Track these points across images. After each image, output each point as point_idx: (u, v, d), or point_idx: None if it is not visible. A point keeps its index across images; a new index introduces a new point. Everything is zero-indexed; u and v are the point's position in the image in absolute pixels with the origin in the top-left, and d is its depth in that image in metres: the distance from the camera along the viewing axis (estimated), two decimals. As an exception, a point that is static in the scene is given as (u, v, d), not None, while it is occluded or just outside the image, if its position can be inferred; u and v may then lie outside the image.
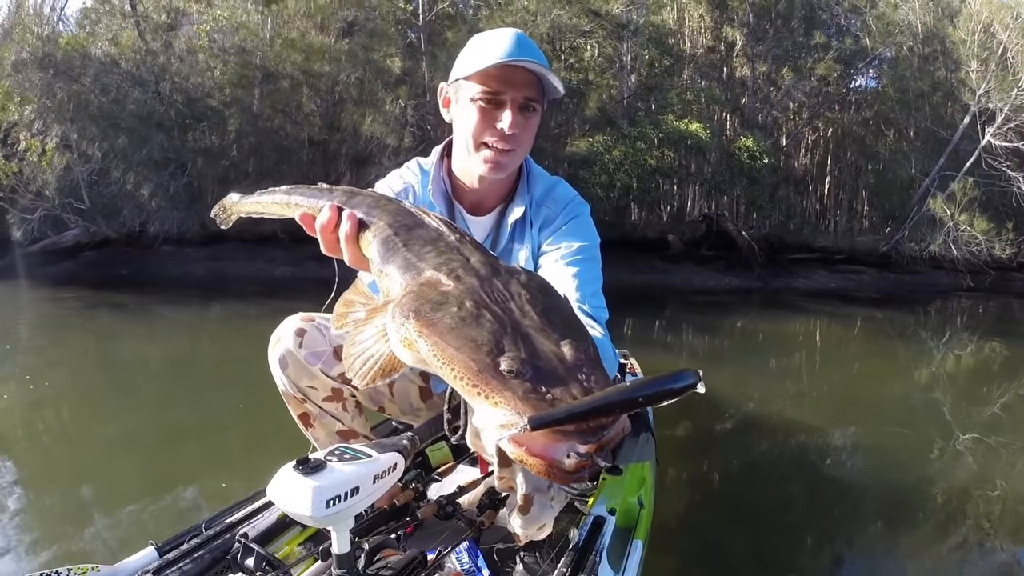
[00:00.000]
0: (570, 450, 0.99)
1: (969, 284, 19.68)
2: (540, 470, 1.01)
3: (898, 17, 21.73)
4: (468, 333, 1.10)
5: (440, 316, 1.14)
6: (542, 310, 1.19)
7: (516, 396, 1.01)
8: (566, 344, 1.11)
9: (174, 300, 13.65)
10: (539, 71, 1.99)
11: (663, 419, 4.57)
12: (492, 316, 1.14)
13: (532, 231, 2.28)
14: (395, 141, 16.13)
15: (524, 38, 2.06)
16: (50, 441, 5.24)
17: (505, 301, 1.19)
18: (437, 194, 2.28)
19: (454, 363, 1.08)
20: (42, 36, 16.92)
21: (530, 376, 1.03)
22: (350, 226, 1.52)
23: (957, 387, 8.48)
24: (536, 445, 1.00)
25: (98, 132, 16.88)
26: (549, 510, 2.22)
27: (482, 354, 1.07)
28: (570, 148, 18.18)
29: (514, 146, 2.09)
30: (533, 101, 2.05)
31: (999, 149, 19.40)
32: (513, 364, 1.04)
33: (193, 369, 7.96)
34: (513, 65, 1.98)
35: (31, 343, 9.48)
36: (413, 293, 1.24)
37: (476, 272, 1.26)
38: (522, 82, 2.01)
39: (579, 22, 18.01)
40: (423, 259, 1.33)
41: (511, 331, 1.11)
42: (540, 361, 1.07)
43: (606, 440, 1.03)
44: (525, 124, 2.08)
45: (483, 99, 2.03)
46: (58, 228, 17.93)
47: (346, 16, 17.58)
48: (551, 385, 1.03)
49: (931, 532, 4.07)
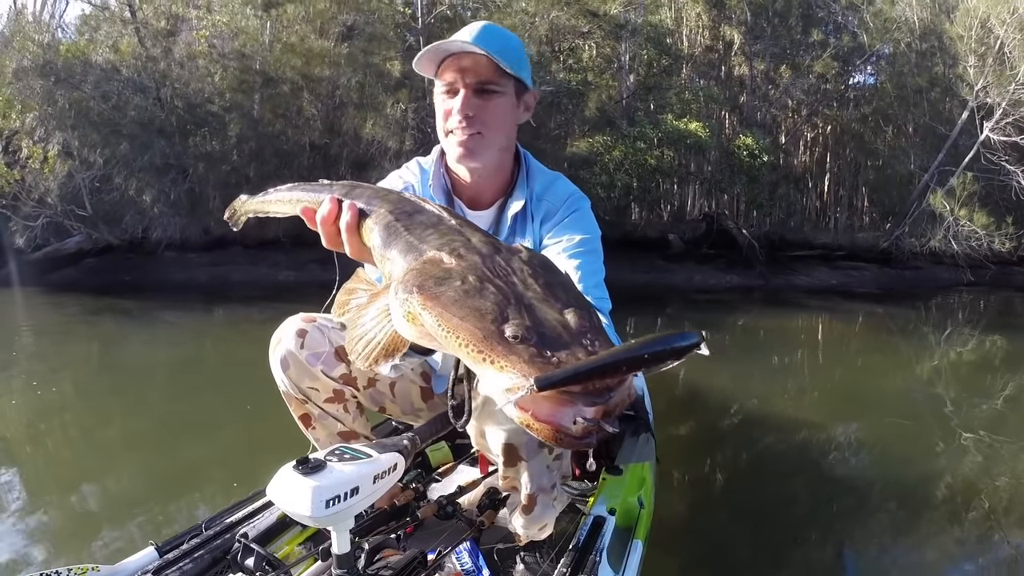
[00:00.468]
0: (577, 414, 1.00)
1: (970, 279, 19.67)
2: (547, 435, 1.02)
3: (895, 13, 21.71)
4: (472, 303, 1.12)
5: (444, 289, 1.16)
6: (544, 283, 1.20)
7: (522, 359, 1.01)
8: (570, 312, 1.12)
9: (177, 305, 13.70)
10: (485, 53, 2.03)
11: (663, 419, 4.57)
12: (495, 288, 1.15)
13: (533, 225, 2.29)
14: (396, 144, 16.16)
15: (486, 28, 2.13)
16: (54, 444, 5.29)
17: (508, 275, 1.20)
18: (437, 189, 2.32)
19: (459, 331, 1.09)
20: (42, 44, 16.93)
21: (535, 341, 1.04)
22: (351, 216, 1.54)
23: (959, 382, 8.48)
24: (542, 410, 1.01)
25: (99, 139, 16.90)
26: (551, 510, 2.23)
27: (487, 322, 1.08)
28: (570, 149, 18.16)
29: (478, 128, 2.12)
30: (488, 83, 2.09)
31: (998, 144, 19.37)
32: (518, 330, 1.05)
33: (197, 373, 7.98)
34: (462, 53, 2.06)
35: (36, 349, 9.52)
36: (416, 271, 1.25)
37: (478, 250, 1.28)
38: (473, 67, 2.07)
39: (577, 23, 18.02)
40: (425, 241, 1.35)
41: (515, 301, 1.13)
42: (544, 328, 1.08)
43: (613, 404, 1.03)
44: (485, 106, 2.11)
45: (443, 91, 2.14)
46: (60, 235, 17.91)
47: (345, 20, 17.59)
48: (556, 349, 1.04)
49: (934, 529, 4.07)
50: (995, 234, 19.04)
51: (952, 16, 20.73)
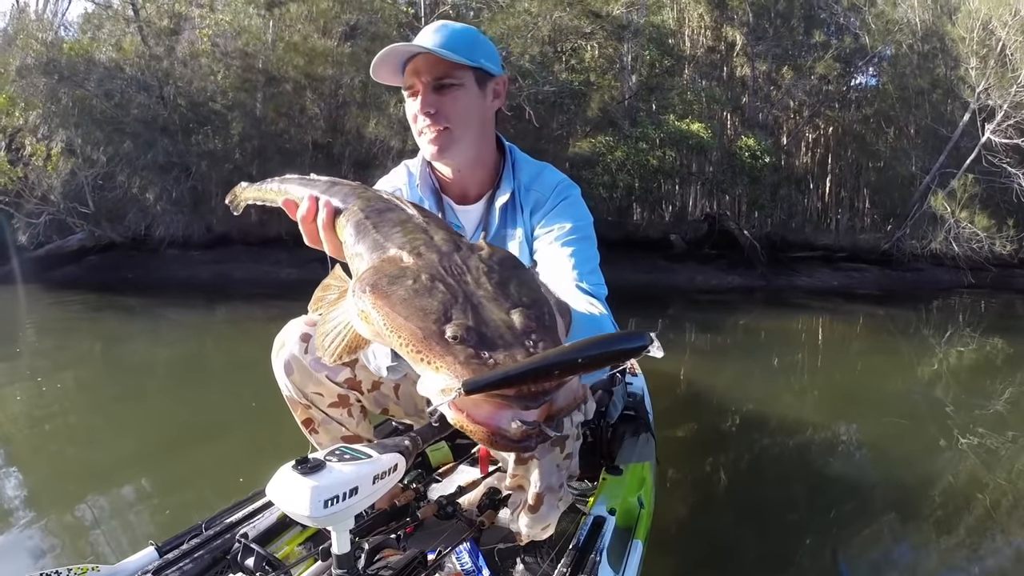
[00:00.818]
0: (515, 417, 0.99)
1: (971, 281, 19.68)
2: (481, 437, 1.01)
3: (897, 15, 21.74)
4: (418, 303, 1.12)
5: (395, 289, 1.16)
6: (498, 281, 1.20)
7: (457, 361, 1.00)
8: (516, 312, 1.12)
9: (180, 303, 13.75)
10: (434, 45, 2.04)
11: (663, 419, 4.57)
12: (445, 287, 1.15)
13: (523, 216, 2.28)
14: (399, 143, 16.17)
15: (438, 26, 2.13)
16: (54, 443, 5.27)
17: (462, 274, 1.20)
18: (425, 188, 2.32)
19: (401, 331, 1.09)
20: (46, 42, 16.99)
21: (474, 342, 1.03)
22: (326, 214, 1.56)
23: (959, 383, 8.47)
24: (479, 413, 1.00)
25: (103, 137, 16.96)
26: (556, 510, 2.23)
27: (429, 322, 1.07)
28: (573, 149, 18.18)
29: (443, 123, 2.12)
30: (443, 78, 2.09)
31: (999, 146, 19.41)
32: (458, 331, 1.04)
33: (199, 371, 8.00)
34: (412, 55, 2.08)
35: (40, 346, 9.56)
36: (373, 268, 1.26)
37: (438, 248, 1.28)
38: (426, 66, 2.07)
39: (580, 24, 18.01)
40: (390, 239, 1.36)
41: (462, 301, 1.12)
42: (486, 328, 1.07)
43: (556, 409, 1.03)
44: (444, 100, 2.11)
45: (407, 96, 2.15)
46: (63, 233, 18.02)
47: (348, 20, 17.61)
48: (495, 349, 1.03)
49: (934, 530, 4.07)
50: (996, 236, 19.07)
51: (954, 18, 20.77)
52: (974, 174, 19.66)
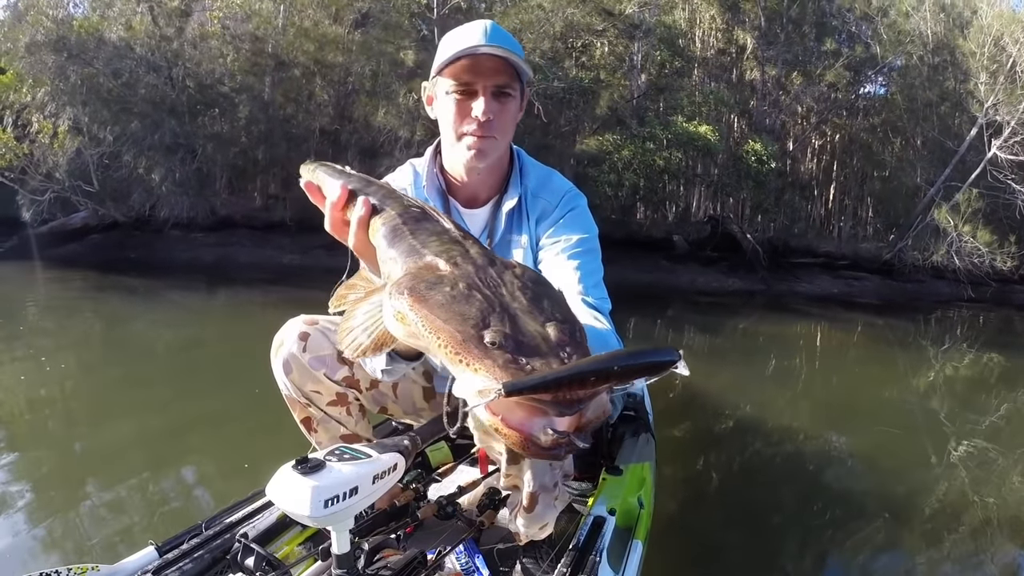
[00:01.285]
0: (547, 425, 1.01)
1: (970, 295, 19.66)
2: (515, 441, 1.03)
3: (909, 26, 21.69)
4: (457, 308, 1.14)
5: (433, 294, 1.19)
6: (532, 296, 1.23)
7: (496, 364, 1.03)
8: (551, 325, 1.14)
9: (182, 285, 13.79)
10: (506, 56, 2.01)
11: (663, 420, 4.59)
12: (482, 296, 1.18)
13: (529, 223, 2.28)
14: (408, 133, 16.19)
15: (495, 28, 2.09)
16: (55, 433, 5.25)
17: (497, 287, 1.23)
18: (431, 190, 2.30)
19: (440, 332, 1.11)
20: (56, 19, 17.01)
21: (512, 348, 1.06)
22: (365, 211, 1.55)
23: (955, 396, 8.53)
24: (513, 417, 1.02)
25: (109, 116, 17.01)
26: (552, 509, 2.22)
27: (467, 326, 1.10)
28: (580, 146, 18.19)
29: (493, 132, 2.11)
30: (505, 87, 2.07)
31: (1005, 162, 19.38)
32: (496, 337, 1.07)
33: (200, 360, 7.92)
34: (480, 54, 2.00)
35: (41, 325, 9.62)
36: (411, 274, 1.29)
37: (473, 261, 1.31)
38: (491, 69, 2.03)
39: (592, 21, 18.01)
40: (426, 246, 1.38)
41: (499, 310, 1.15)
42: (523, 337, 1.10)
43: (586, 421, 1.04)
44: (501, 109, 2.10)
45: (456, 91, 2.07)
46: (67, 210, 18.13)
47: (360, 7, 17.62)
48: (531, 357, 1.05)
49: (928, 537, 4.13)
50: (997, 252, 19.09)
51: (966, 32, 20.75)
52: (978, 189, 19.64)
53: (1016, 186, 19.41)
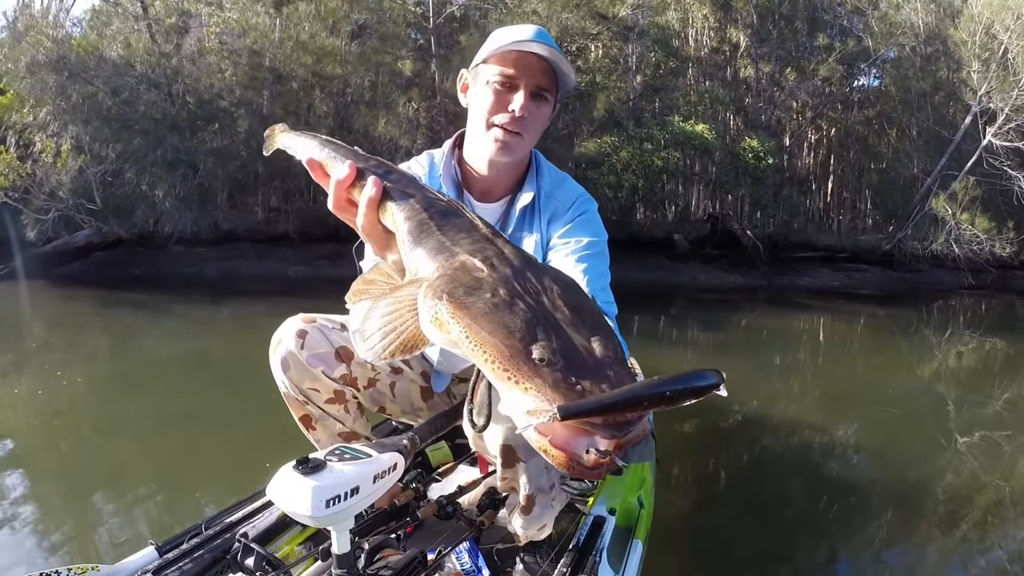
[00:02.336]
0: (591, 445, 0.99)
1: (971, 282, 19.84)
2: (561, 462, 1.00)
3: (900, 18, 21.78)
4: (501, 319, 1.10)
5: (474, 300, 1.14)
6: (573, 306, 1.18)
7: (547, 384, 1.00)
8: (596, 340, 1.10)
9: (190, 299, 13.81)
10: (554, 58, 2.03)
11: (663, 419, 4.58)
12: (525, 306, 1.14)
13: (541, 222, 2.29)
14: (408, 142, 16.24)
15: (544, 32, 2.10)
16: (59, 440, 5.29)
17: (538, 294, 1.18)
18: (447, 180, 2.30)
19: (486, 347, 1.08)
20: (56, 39, 17.12)
21: (561, 366, 1.03)
22: (375, 191, 1.47)
23: (960, 383, 8.53)
24: (560, 437, 0.99)
25: (111, 134, 17.09)
26: (550, 510, 2.23)
27: (515, 340, 1.06)
28: (579, 149, 18.25)
29: (522, 130, 2.13)
30: (545, 90, 2.10)
31: (1000, 149, 19.51)
32: (545, 353, 1.03)
33: (205, 369, 8.00)
34: (529, 51, 2.03)
35: (49, 342, 9.63)
36: (447, 276, 1.24)
37: (510, 263, 1.25)
38: (536, 69, 2.06)
39: (586, 25, 18.08)
40: (457, 244, 1.32)
41: (544, 322, 1.11)
42: (571, 353, 1.06)
43: (628, 439, 1.02)
44: (536, 111, 2.12)
45: (498, 82, 2.09)
46: (70, 229, 18.11)
47: (357, 19, 17.68)
48: (581, 376, 1.02)
49: (933, 529, 4.08)
50: (996, 238, 19.16)
51: (956, 21, 20.83)
52: (975, 176, 19.77)
53: (1012, 172, 19.52)
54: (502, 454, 2.01)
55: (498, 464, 2.07)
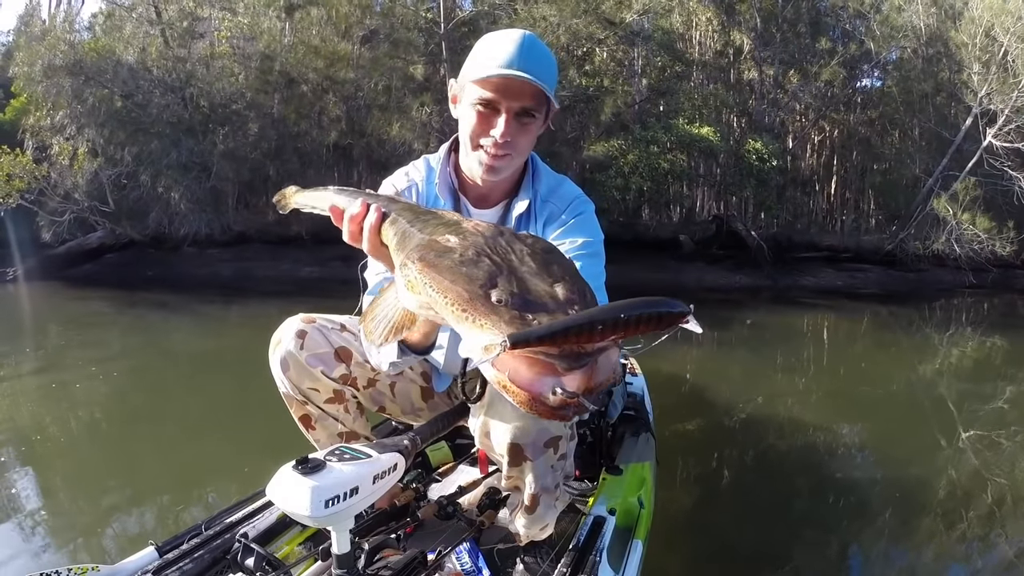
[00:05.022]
0: (556, 385, 0.99)
1: (972, 281, 19.90)
2: (523, 400, 1.01)
3: (902, 20, 21.87)
4: (465, 271, 1.14)
5: (442, 260, 1.19)
6: (541, 261, 1.21)
7: (502, 320, 1.02)
8: (559, 285, 1.13)
9: (207, 299, 13.99)
10: (536, 79, 1.99)
11: (663, 419, 4.58)
12: (491, 261, 1.18)
13: (537, 226, 2.29)
14: (421, 146, 16.35)
15: (530, 43, 2.06)
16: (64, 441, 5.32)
17: (506, 253, 1.22)
18: (443, 187, 2.31)
19: (448, 292, 1.11)
20: (72, 42, 17.40)
21: (518, 305, 1.05)
22: (376, 217, 1.60)
23: (962, 382, 8.53)
24: (521, 376, 1.00)
25: (125, 137, 17.39)
26: (553, 510, 2.22)
27: (475, 286, 1.10)
28: (587, 152, 18.41)
29: (509, 151, 2.11)
30: (531, 109, 2.07)
31: (1000, 149, 19.62)
32: (503, 295, 1.07)
33: (217, 367, 8.14)
34: (511, 75, 1.99)
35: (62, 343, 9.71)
36: (421, 245, 1.30)
37: (482, 232, 1.30)
38: (519, 92, 2.03)
39: (594, 30, 18.28)
40: (435, 235, 1.36)
41: (506, 273, 1.14)
42: (530, 295, 1.09)
43: (595, 383, 1.03)
44: (521, 130, 2.10)
45: (481, 104, 2.06)
46: (82, 230, 18.40)
47: (368, 24, 17.82)
48: (538, 315, 1.04)
49: (936, 528, 4.05)
50: (997, 238, 19.27)
51: (957, 23, 20.92)
52: (976, 177, 19.91)
53: (1012, 172, 19.63)
54: (509, 452, 2.01)
55: (504, 462, 2.07)
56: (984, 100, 19.73)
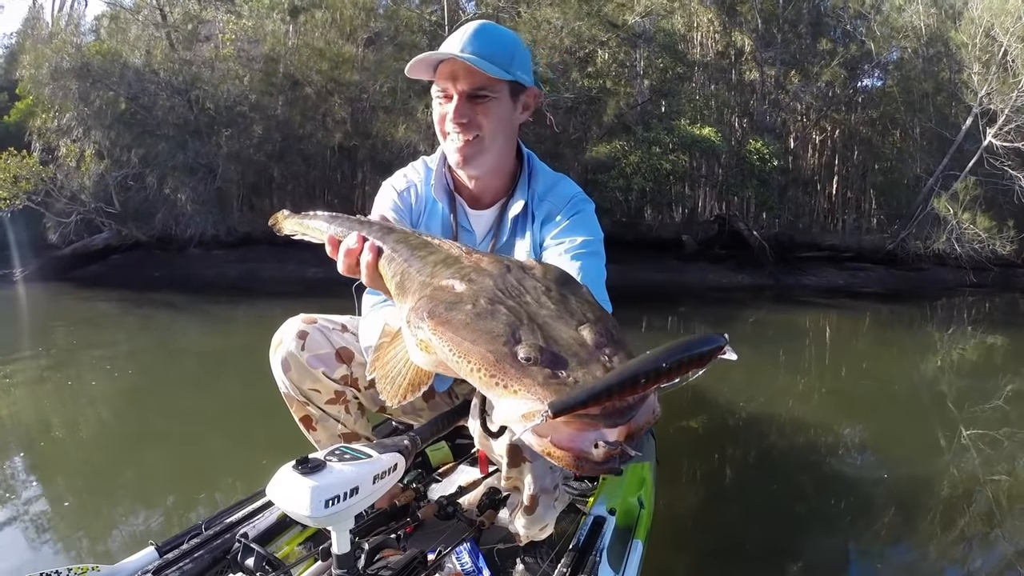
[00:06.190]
0: (598, 438, 0.95)
1: (973, 280, 19.99)
2: (568, 463, 0.97)
3: (902, 21, 22.00)
4: (483, 325, 1.07)
5: (454, 314, 1.12)
6: (558, 299, 1.15)
7: (536, 383, 0.96)
8: (585, 328, 1.07)
9: (214, 300, 14.10)
10: (476, 58, 2.01)
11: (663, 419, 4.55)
12: (507, 309, 1.11)
13: (533, 226, 2.27)
14: (427, 147, 16.32)
15: (480, 29, 2.09)
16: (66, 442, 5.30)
17: (520, 295, 1.16)
18: (439, 189, 2.31)
19: (470, 356, 1.05)
20: (78, 45, 17.58)
21: (549, 362, 0.99)
22: (371, 257, 1.61)
23: (963, 380, 8.56)
24: (562, 437, 0.96)
25: (132, 139, 17.50)
26: (553, 511, 2.22)
27: (498, 344, 1.03)
28: (589, 153, 18.45)
29: (474, 132, 2.11)
30: (479, 89, 2.07)
31: (1000, 149, 19.69)
32: (531, 352, 1.00)
33: (221, 367, 8.22)
34: (454, 60, 2.03)
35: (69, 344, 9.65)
36: (427, 297, 1.22)
37: (488, 273, 1.24)
38: (466, 74, 2.05)
39: (597, 33, 18.36)
40: (436, 276, 1.32)
41: (527, 321, 1.08)
42: (559, 346, 1.03)
43: (636, 426, 1.00)
44: (478, 110, 2.10)
45: (440, 95, 2.13)
46: (89, 232, 18.44)
47: (373, 27, 17.93)
48: (572, 368, 0.98)
49: (937, 527, 4.02)
50: (997, 237, 19.36)
51: (957, 24, 20.98)
52: (976, 176, 20.01)
53: (1013, 172, 19.71)
54: (508, 453, 2.01)
55: (503, 463, 2.06)
56: (984, 100, 19.81)
